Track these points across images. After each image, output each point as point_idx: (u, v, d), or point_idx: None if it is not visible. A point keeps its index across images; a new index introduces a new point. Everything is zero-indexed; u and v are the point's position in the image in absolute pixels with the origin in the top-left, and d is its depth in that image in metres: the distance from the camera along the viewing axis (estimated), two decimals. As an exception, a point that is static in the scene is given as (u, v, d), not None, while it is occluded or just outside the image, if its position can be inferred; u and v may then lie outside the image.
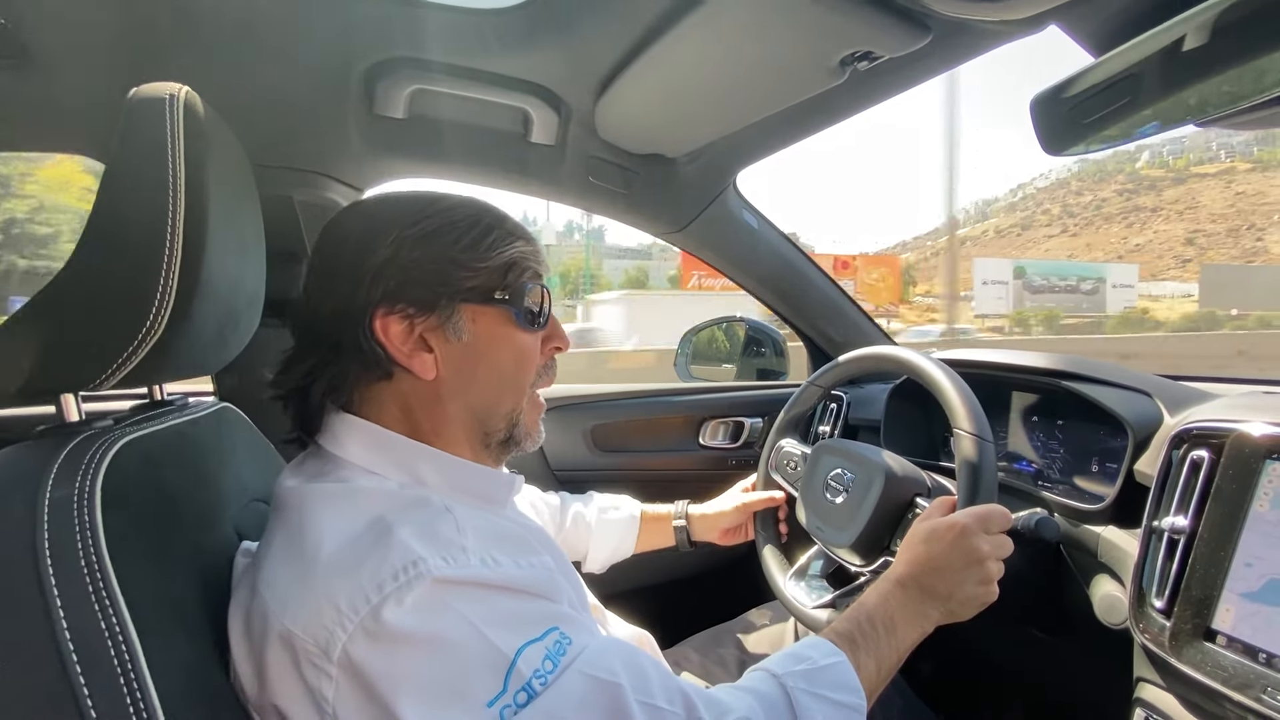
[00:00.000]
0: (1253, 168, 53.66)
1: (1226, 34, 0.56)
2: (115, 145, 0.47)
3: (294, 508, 0.51)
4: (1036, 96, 0.69)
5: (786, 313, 1.46)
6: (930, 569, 0.65)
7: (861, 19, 0.68)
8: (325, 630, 0.42)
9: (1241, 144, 67.35)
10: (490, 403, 0.59)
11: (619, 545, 1.00)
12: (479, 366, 0.58)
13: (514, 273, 0.58)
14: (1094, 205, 54.95)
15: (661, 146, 1.10)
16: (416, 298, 0.54)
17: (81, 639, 0.39)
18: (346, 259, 0.55)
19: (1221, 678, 0.58)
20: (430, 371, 0.55)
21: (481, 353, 0.57)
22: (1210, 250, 47.62)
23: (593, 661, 0.46)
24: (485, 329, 0.57)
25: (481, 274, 0.56)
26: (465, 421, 0.59)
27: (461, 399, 0.58)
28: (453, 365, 0.56)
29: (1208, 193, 54.28)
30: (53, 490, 0.43)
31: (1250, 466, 0.62)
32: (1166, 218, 51.72)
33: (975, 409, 0.76)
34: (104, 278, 0.46)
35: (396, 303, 0.54)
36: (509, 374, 0.60)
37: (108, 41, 0.78)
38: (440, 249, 0.55)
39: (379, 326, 0.54)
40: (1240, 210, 51.07)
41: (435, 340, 0.56)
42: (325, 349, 0.55)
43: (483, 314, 0.57)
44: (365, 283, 0.53)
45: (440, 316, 0.55)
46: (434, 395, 0.57)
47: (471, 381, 0.58)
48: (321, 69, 0.87)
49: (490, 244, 0.57)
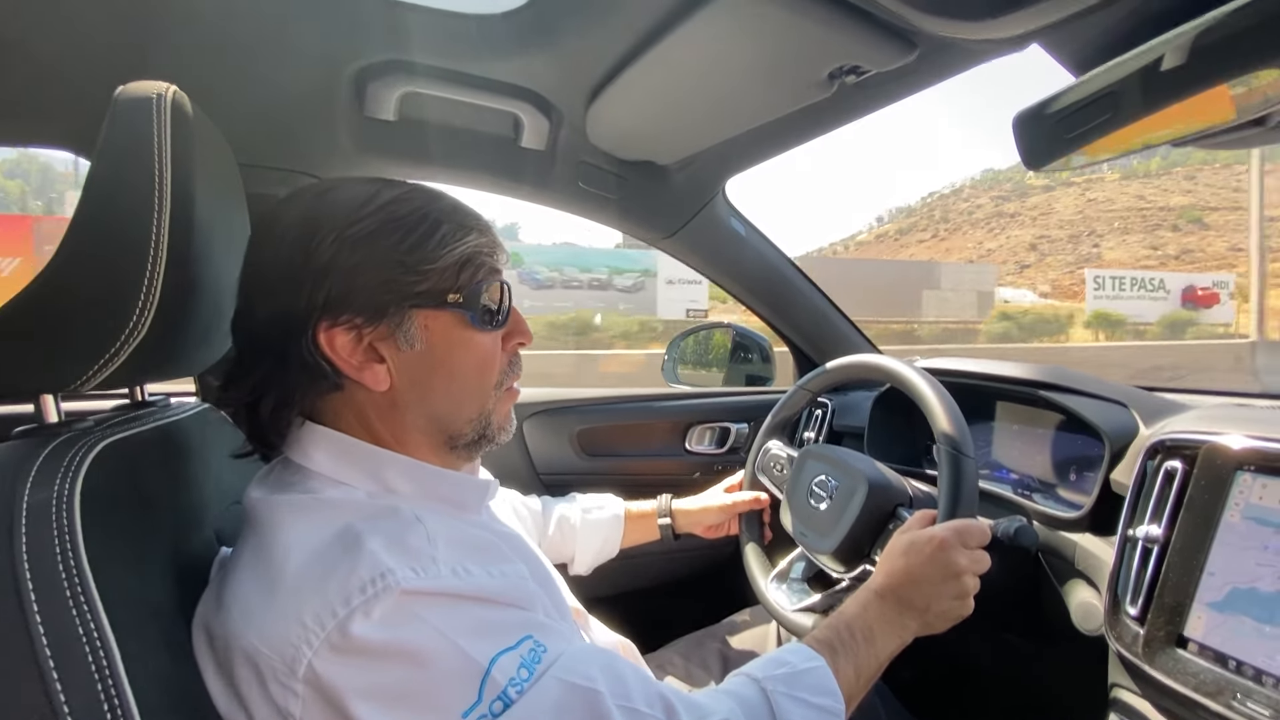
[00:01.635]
0: (1122, 177, 56.58)
1: (1204, 56, 0.58)
2: (101, 143, 0.46)
3: (261, 519, 0.50)
4: (1019, 114, 0.71)
5: (773, 319, 1.47)
6: (908, 581, 0.66)
7: (850, 34, 0.69)
8: (290, 647, 0.42)
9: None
10: (451, 409, 0.56)
11: (604, 545, 1.00)
12: (436, 374, 0.54)
13: (468, 271, 0.54)
14: (968, 211, 57.05)
15: (652, 153, 1.10)
16: (362, 306, 0.50)
17: (59, 645, 0.38)
18: (283, 261, 0.51)
19: (1193, 684, 0.59)
20: (383, 383, 0.52)
21: (438, 360, 0.54)
22: (1050, 256, 49.89)
23: (569, 668, 0.46)
24: (440, 334, 0.54)
25: (432, 276, 0.52)
26: (426, 429, 0.56)
27: (420, 407, 0.55)
28: (407, 375, 0.53)
29: (1064, 199, 56.92)
30: (31, 493, 0.42)
31: (1221, 477, 0.63)
32: (1021, 223, 53.87)
33: (958, 422, 0.77)
34: (87, 277, 0.46)
35: (341, 313, 0.50)
36: (470, 379, 0.56)
37: (95, 37, 0.77)
38: (385, 250, 0.51)
39: (324, 340, 0.50)
40: (1086, 217, 53.30)
41: (386, 350, 0.52)
42: (270, 361, 0.52)
43: (436, 318, 0.53)
44: (305, 290, 0.50)
45: (390, 325, 0.52)
46: (390, 404, 0.54)
47: (429, 390, 0.54)
48: (311, 70, 0.87)
49: (440, 241, 0.52)
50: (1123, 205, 57.08)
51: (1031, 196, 58.97)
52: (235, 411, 0.55)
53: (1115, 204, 56.61)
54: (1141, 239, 51.16)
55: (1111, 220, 53.28)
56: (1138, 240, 51.15)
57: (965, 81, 14.84)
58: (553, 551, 0.98)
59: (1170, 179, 59.10)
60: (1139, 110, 0.65)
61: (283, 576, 0.45)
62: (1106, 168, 52.36)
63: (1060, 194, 56.38)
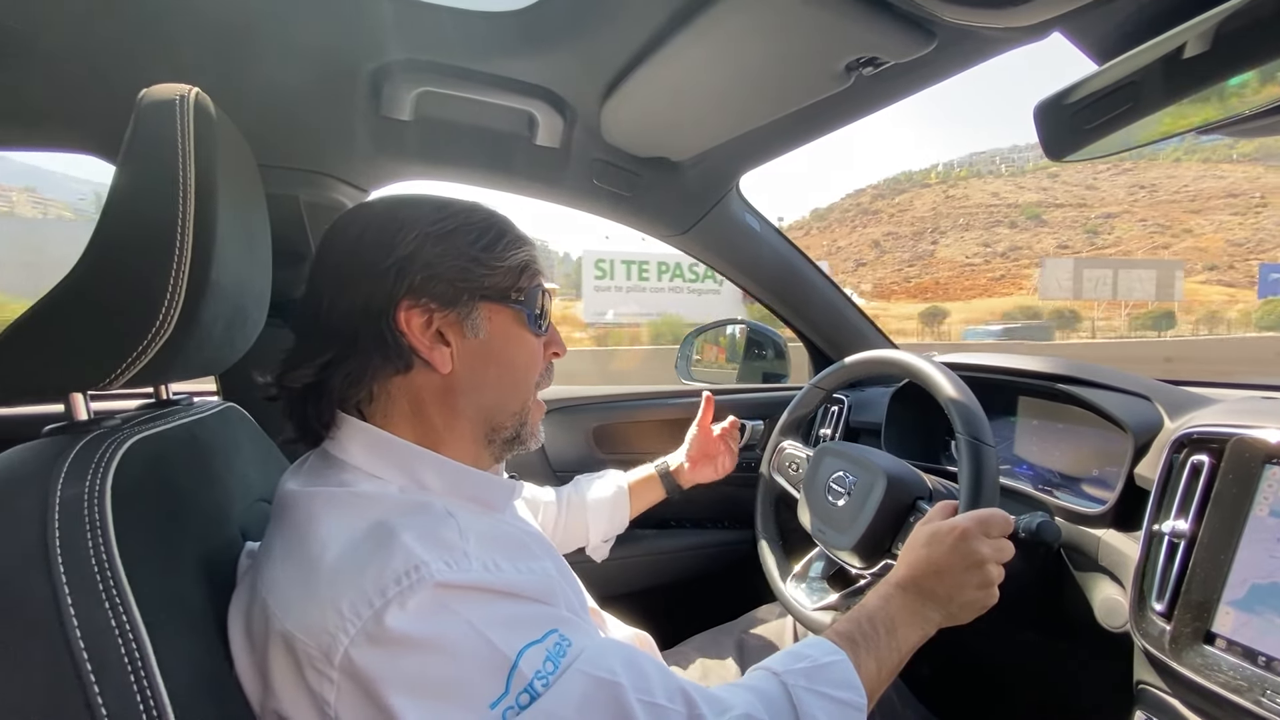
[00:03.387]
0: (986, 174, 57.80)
1: (1227, 43, 0.57)
2: (126, 146, 0.47)
3: (296, 511, 0.51)
4: (1040, 103, 0.70)
5: (788, 315, 1.47)
6: (931, 572, 0.66)
7: (867, 25, 0.68)
8: (327, 634, 0.43)
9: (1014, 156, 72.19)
10: (500, 400, 0.61)
11: (613, 519, 1.02)
12: (491, 364, 0.59)
13: (527, 275, 0.60)
14: (844, 209, 57.83)
15: (666, 150, 1.10)
16: (439, 292, 0.56)
17: (92, 637, 0.39)
18: (366, 255, 0.56)
19: (1221, 681, 0.58)
20: (447, 365, 0.56)
21: (495, 351, 0.59)
22: (889, 253, 50.35)
23: (593, 661, 0.47)
24: (500, 328, 0.59)
25: (499, 273, 0.58)
26: (474, 418, 0.60)
27: (473, 395, 0.59)
28: (467, 361, 0.58)
29: (927, 196, 57.67)
30: (63, 489, 0.43)
31: (1250, 471, 0.62)
32: (879, 220, 54.56)
33: (977, 413, 0.76)
34: (114, 277, 0.47)
35: (420, 296, 0.55)
36: (519, 374, 0.61)
37: (116, 41, 0.78)
38: (461, 247, 0.57)
39: (403, 319, 0.55)
40: (939, 214, 54.00)
41: (453, 335, 0.57)
42: (340, 344, 0.55)
43: (498, 313, 0.59)
44: (390, 277, 0.55)
45: (460, 312, 0.57)
46: (447, 390, 0.58)
47: (484, 378, 0.59)
48: (328, 70, 0.88)
49: (506, 245, 0.59)
50: (976, 202, 58.47)
51: (902, 194, 60.33)
52: (290, 398, 0.57)
53: (970, 200, 58.12)
54: (979, 235, 52.73)
55: (959, 217, 54.25)
56: (974, 237, 52.53)
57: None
58: (569, 536, 0.99)
59: (1033, 177, 60.90)
60: (1161, 100, 0.64)
61: (320, 566, 0.45)
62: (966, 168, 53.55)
63: (920, 192, 58.02)
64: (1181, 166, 62.52)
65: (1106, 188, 60.14)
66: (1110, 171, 62.48)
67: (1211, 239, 52.26)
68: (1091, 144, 0.70)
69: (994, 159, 73.28)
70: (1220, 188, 57.71)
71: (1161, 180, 59.45)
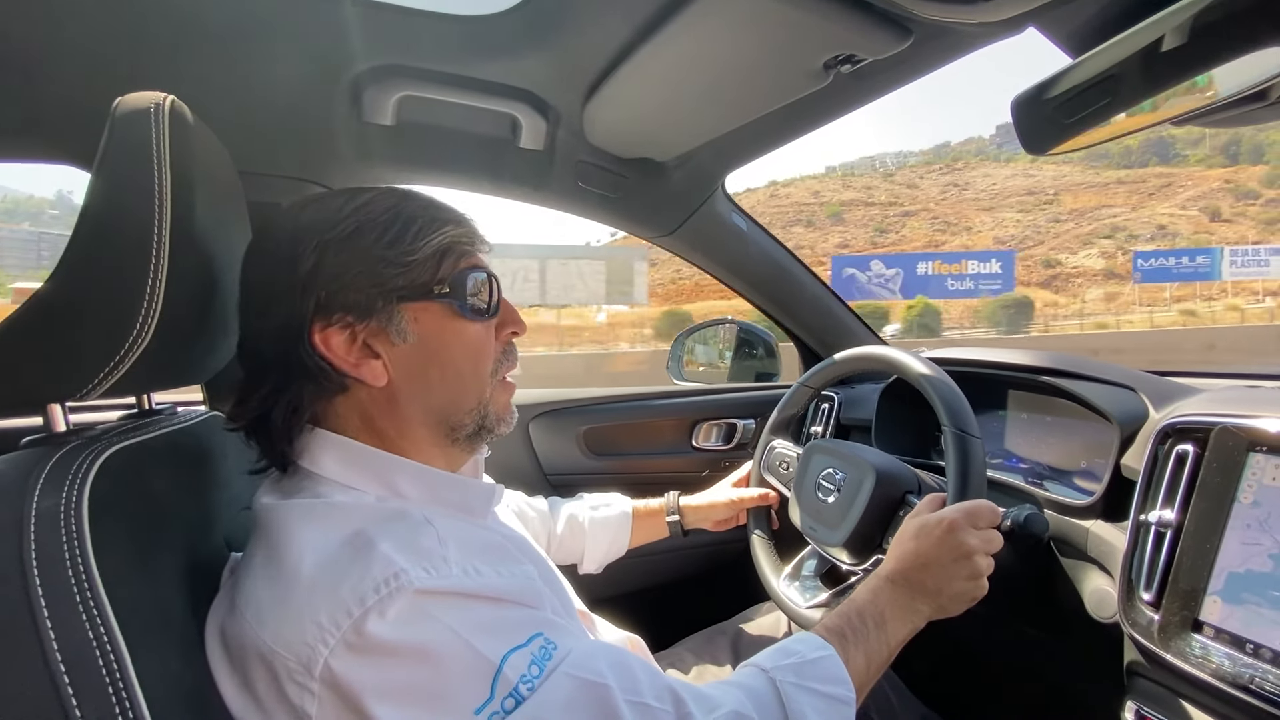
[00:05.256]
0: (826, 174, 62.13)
1: (1202, 34, 0.57)
2: (101, 154, 0.47)
3: (272, 525, 0.50)
4: (1017, 97, 0.70)
5: (777, 314, 1.47)
6: (919, 564, 0.66)
7: (844, 23, 0.68)
8: (307, 647, 0.42)
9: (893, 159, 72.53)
10: (450, 400, 0.57)
11: (613, 543, 1.00)
12: (430, 366, 0.55)
13: (448, 261, 0.55)
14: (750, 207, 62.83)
15: (650, 150, 1.10)
16: (353, 303, 0.52)
17: (70, 650, 0.38)
18: (273, 274, 0.52)
19: (1209, 669, 0.59)
20: (381, 378, 0.53)
21: (432, 352, 0.55)
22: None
23: (579, 664, 0.46)
24: (431, 326, 0.55)
25: (413, 268, 0.53)
26: (427, 422, 0.57)
27: (420, 400, 0.56)
28: (403, 368, 0.54)
29: (759, 193, 61.94)
30: (39, 501, 0.42)
31: (1234, 460, 0.62)
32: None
33: (963, 406, 0.76)
34: (90, 287, 0.46)
35: (332, 313, 0.52)
36: (465, 370, 0.57)
37: (93, 50, 0.77)
38: (365, 248, 0.52)
39: (319, 341, 0.51)
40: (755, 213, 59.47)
41: (380, 345, 0.53)
42: (277, 373, 0.53)
43: (424, 311, 0.55)
44: (295, 297, 0.51)
45: (380, 320, 0.53)
46: (390, 401, 0.55)
47: (426, 382, 0.55)
48: (309, 76, 0.87)
49: (415, 234, 0.54)
50: (794, 201, 60.53)
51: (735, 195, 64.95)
52: (248, 429, 0.55)
53: (790, 199, 60.84)
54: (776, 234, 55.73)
55: (768, 216, 56.33)
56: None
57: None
58: (562, 551, 0.97)
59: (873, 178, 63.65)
60: (1139, 93, 0.64)
61: (297, 579, 0.45)
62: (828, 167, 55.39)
63: (756, 191, 60.11)
64: (1002, 166, 63.12)
65: (926, 186, 61.46)
66: (938, 172, 63.88)
67: (981, 236, 52.31)
68: (1071, 138, 0.71)
69: (875, 162, 75.96)
70: (1024, 186, 58.08)
71: (976, 179, 60.73)
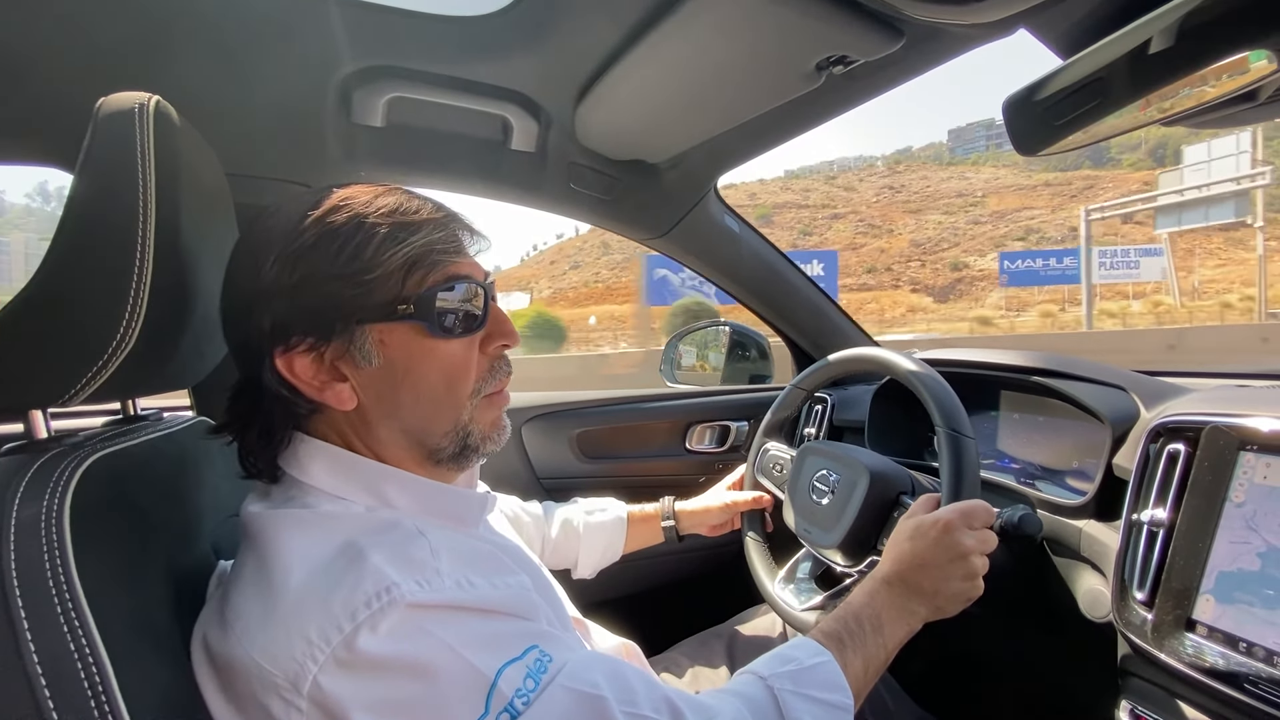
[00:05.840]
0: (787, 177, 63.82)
1: (1190, 36, 0.58)
2: (84, 154, 0.46)
3: (260, 534, 0.49)
4: (1009, 98, 0.70)
5: (770, 316, 1.47)
6: (915, 565, 0.65)
7: (836, 24, 0.68)
8: (295, 662, 0.41)
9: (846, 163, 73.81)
10: (422, 424, 0.53)
11: (608, 548, 0.99)
12: (400, 389, 0.51)
13: (416, 275, 0.50)
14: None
15: (642, 152, 1.10)
16: (312, 325, 0.48)
17: (50, 662, 0.37)
18: (232, 291, 0.50)
19: (1204, 668, 0.59)
20: (348, 402, 0.50)
21: (401, 374, 0.51)
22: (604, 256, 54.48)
23: (575, 676, 0.46)
24: (398, 348, 0.51)
25: (374, 286, 0.48)
26: (402, 443, 0.54)
27: (391, 423, 0.53)
28: (372, 391, 0.51)
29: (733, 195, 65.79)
30: (19, 509, 0.41)
31: (1225, 458, 0.63)
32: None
33: (956, 407, 0.76)
34: (73, 291, 0.45)
35: (290, 335, 0.48)
36: (438, 392, 0.53)
37: (75, 50, 0.76)
38: (321, 265, 0.48)
39: (282, 365, 0.49)
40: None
41: (346, 368, 0.50)
42: (251, 391, 0.51)
43: (390, 331, 0.50)
44: (253, 317, 0.48)
45: (342, 343, 0.49)
46: (362, 422, 0.53)
47: (396, 405, 0.52)
48: (297, 77, 0.86)
49: (379, 246, 0.48)
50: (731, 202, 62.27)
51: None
52: (232, 441, 0.54)
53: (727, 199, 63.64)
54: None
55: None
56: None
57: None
58: (556, 556, 0.97)
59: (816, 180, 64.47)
60: (1128, 95, 0.64)
61: (285, 592, 0.44)
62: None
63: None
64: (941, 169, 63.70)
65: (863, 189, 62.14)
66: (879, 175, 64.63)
67: (899, 239, 52.35)
68: (1062, 139, 0.71)
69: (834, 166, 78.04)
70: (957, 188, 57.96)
71: (913, 182, 60.97)
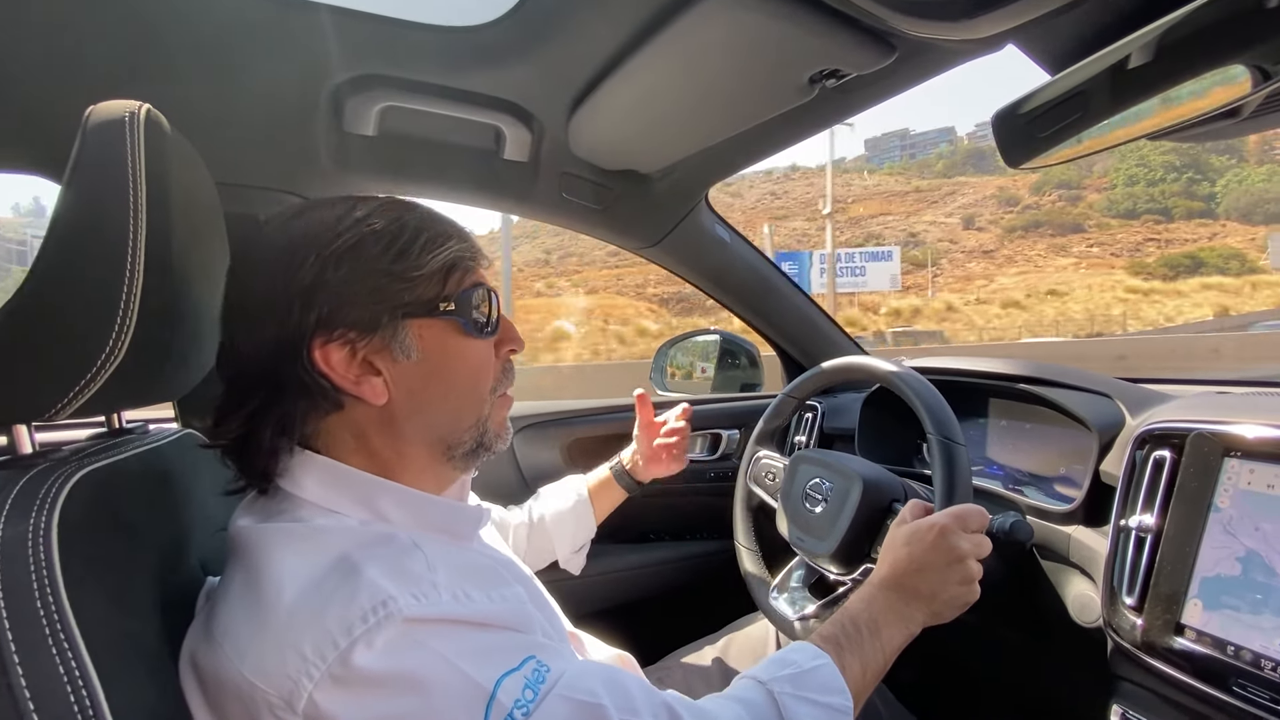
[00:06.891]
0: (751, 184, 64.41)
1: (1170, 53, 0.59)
2: (72, 164, 0.45)
3: (250, 549, 0.48)
4: (997, 112, 0.72)
5: (760, 325, 1.48)
6: (912, 570, 0.66)
7: (829, 38, 0.69)
8: (289, 680, 0.40)
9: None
10: (450, 419, 0.56)
11: (578, 530, 0.99)
12: (432, 384, 0.54)
13: (454, 277, 0.54)
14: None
15: (634, 163, 1.10)
16: (355, 319, 0.50)
17: (38, 684, 0.36)
18: (265, 290, 0.50)
19: (1193, 671, 0.60)
20: (382, 396, 0.52)
21: (434, 369, 0.54)
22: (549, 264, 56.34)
23: (573, 684, 0.46)
24: (435, 343, 0.53)
25: (419, 283, 0.52)
26: (425, 440, 0.55)
27: (419, 419, 0.54)
28: (404, 386, 0.53)
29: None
30: (5, 528, 0.40)
31: (1210, 464, 0.64)
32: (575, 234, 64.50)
33: (946, 414, 0.77)
34: (61, 302, 0.44)
35: (334, 328, 0.50)
36: (466, 387, 0.56)
37: (66, 57, 0.75)
38: (369, 262, 0.50)
39: (319, 357, 0.49)
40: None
41: (382, 362, 0.52)
42: (265, 390, 0.51)
43: (429, 327, 0.53)
44: (295, 313, 0.49)
45: (384, 337, 0.51)
46: (388, 419, 0.53)
47: (426, 401, 0.54)
48: (289, 86, 0.86)
49: (422, 248, 0.52)
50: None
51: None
52: (226, 448, 0.53)
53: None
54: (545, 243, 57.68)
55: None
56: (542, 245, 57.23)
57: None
58: (541, 553, 0.97)
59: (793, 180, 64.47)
60: (1108, 109, 0.66)
61: (277, 608, 0.43)
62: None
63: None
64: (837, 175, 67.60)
65: (747, 195, 63.48)
66: (771, 182, 65.98)
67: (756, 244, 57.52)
68: (1046, 151, 0.73)
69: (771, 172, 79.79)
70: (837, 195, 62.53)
71: (796, 189, 62.37)
